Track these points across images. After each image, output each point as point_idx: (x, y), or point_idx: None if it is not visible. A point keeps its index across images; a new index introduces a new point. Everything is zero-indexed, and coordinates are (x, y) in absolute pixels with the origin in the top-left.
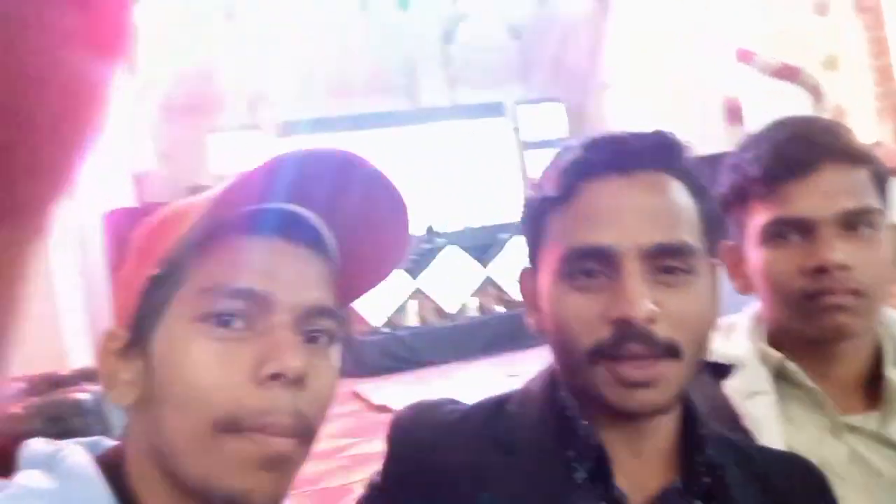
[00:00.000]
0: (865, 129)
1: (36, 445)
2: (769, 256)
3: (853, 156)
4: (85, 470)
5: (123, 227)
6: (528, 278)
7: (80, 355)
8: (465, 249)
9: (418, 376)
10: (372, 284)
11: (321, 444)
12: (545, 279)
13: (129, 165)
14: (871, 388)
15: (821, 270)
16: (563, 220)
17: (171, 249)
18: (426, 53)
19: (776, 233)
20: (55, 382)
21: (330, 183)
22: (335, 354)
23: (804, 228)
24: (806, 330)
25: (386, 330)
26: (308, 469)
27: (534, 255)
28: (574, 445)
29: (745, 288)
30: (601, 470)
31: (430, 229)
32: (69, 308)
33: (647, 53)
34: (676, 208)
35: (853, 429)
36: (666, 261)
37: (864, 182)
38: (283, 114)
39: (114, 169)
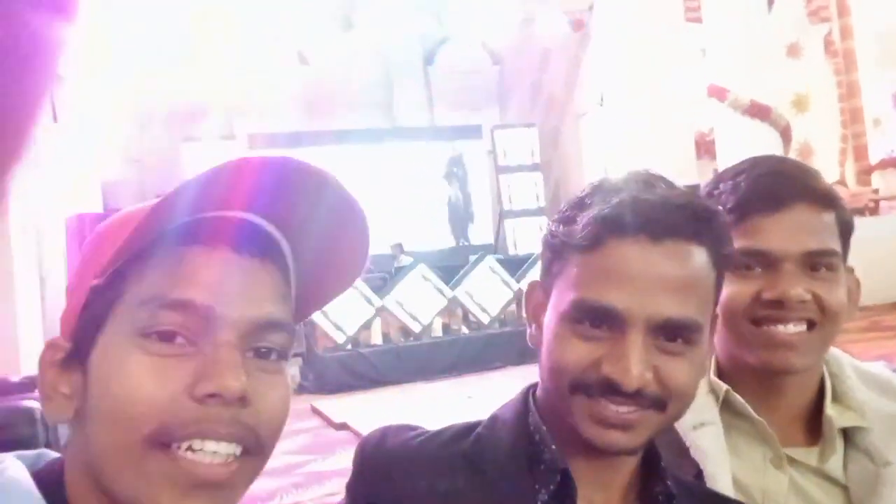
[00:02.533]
0: (830, 169)
1: None
2: (729, 284)
3: (824, 199)
4: (21, 485)
5: (86, 233)
6: (536, 292)
7: (35, 362)
8: (434, 269)
9: (379, 395)
10: (331, 296)
11: (276, 460)
12: (552, 312)
13: (99, 172)
14: (813, 423)
15: (779, 303)
16: (582, 266)
17: (112, 259)
18: (406, 73)
19: (739, 263)
20: (5, 389)
21: (283, 190)
22: (287, 370)
23: (768, 262)
24: (751, 360)
25: (349, 347)
26: (261, 485)
27: (547, 276)
28: (539, 468)
29: None
30: (565, 492)
31: (399, 248)
32: (27, 313)
33: (623, 84)
34: (694, 282)
35: (794, 461)
36: (671, 332)
37: (829, 225)
38: (260, 126)
39: (82, 174)
